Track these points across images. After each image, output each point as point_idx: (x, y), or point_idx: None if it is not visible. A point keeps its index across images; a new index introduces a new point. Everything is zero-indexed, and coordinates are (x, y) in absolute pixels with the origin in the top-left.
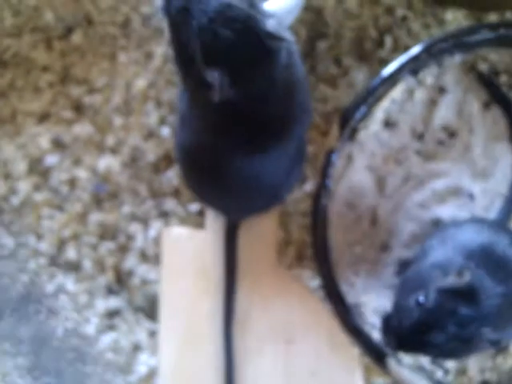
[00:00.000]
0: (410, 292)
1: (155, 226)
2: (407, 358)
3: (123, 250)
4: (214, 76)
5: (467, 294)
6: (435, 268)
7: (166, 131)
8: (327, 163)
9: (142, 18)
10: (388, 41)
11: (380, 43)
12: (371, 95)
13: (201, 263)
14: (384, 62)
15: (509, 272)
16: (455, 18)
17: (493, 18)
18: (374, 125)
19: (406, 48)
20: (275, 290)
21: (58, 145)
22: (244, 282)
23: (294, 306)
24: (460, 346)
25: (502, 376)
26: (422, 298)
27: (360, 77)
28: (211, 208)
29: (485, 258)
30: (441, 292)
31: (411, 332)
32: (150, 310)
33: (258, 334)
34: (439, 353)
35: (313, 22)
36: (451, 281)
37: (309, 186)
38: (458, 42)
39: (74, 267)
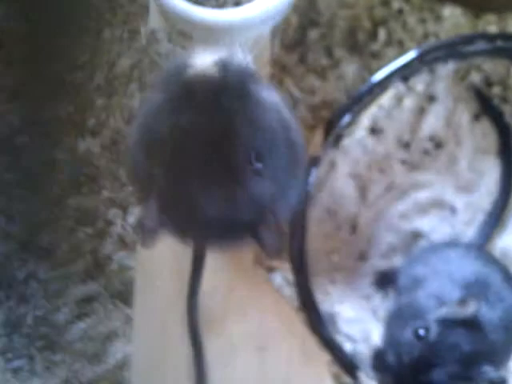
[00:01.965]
0: (405, 324)
1: (134, 212)
2: None
3: (101, 235)
4: None
5: (471, 327)
6: (432, 298)
7: None
8: (309, 170)
9: None
10: (382, 33)
11: (373, 35)
12: (359, 102)
13: (177, 264)
14: (376, 56)
15: (507, 304)
16: (453, 15)
17: (490, 18)
18: (359, 131)
19: (400, 42)
20: (251, 295)
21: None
22: (220, 287)
23: (268, 313)
24: None
25: None
26: (422, 331)
27: (350, 69)
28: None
29: (482, 288)
30: (443, 324)
31: (412, 370)
32: (126, 295)
33: (231, 339)
34: None
35: (305, 8)
36: (454, 311)
37: None
38: (452, 50)
39: (47, 252)
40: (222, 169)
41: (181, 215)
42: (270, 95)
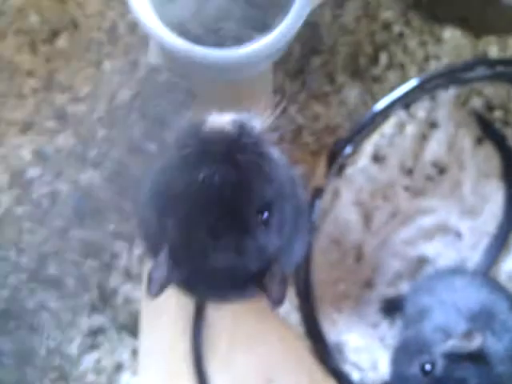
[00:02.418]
0: (412, 358)
1: (140, 244)
2: None
3: (107, 268)
4: None
5: (477, 360)
6: (437, 331)
7: (150, 145)
8: (313, 202)
9: (129, 25)
10: (383, 58)
11: (375, 60)
12: (361, 131)
13: (183, 296)
14: (377, 80)
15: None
16: (453, 37)
17: (491, 39)
18: (362, 159)
19: (401, 66)
20: (257, 327)
21: (40, 156)
22: (226, 320)
23: (275, 345)
24: None
25: None
26: (428, 366)
27: (352, 94)
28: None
29: (488, 318)
30: (449, 358)
31: None
32: (133, 327)
33: (238, 373)
34: None
35: (307, 37)
36: (459, 345)
37: None
38: (453, 77)
39: (55, 284)
40: (233, 220)
41: (191, 266)
42: (278, 153)
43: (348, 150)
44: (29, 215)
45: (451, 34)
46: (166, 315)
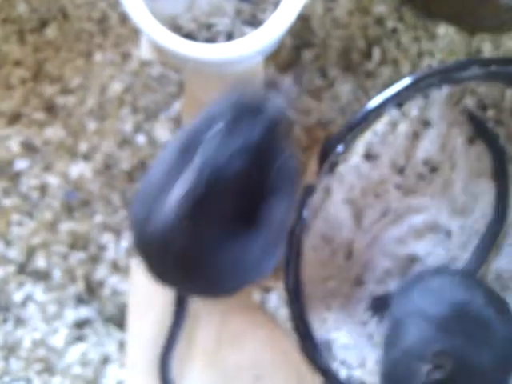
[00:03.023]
0: None
1: (127, 236)
2: None
3: (94, 260)
4: None
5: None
6: (412, 357)
7: (141, 139)
8: (304, 199)
9: (120, 16)
10: (376, 53)
11: (367, 55)
12: (353, 130)
13: (170, 293)
14: (370, 75)
15: (488, 334)
16: (447, 33)
17: (485, 35)
18: (354, 157)
19: (394, 61)
20: (244, 326)
21: (29, 148)
22: (213, 318)
23: (263, 342)
24: None
25: None
26: None
27: (345, 89)
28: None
29: (459, 322)
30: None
31: None
32: (120, 319)
33: (226, 370)
34: None
35: (299, 29)
36: (434, 376)
37: None
38: (447, 76)
39: (43, 276)
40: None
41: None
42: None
43: (340, 147)
44: (17, 207)
45: (445, 31)
46: (153, 307)
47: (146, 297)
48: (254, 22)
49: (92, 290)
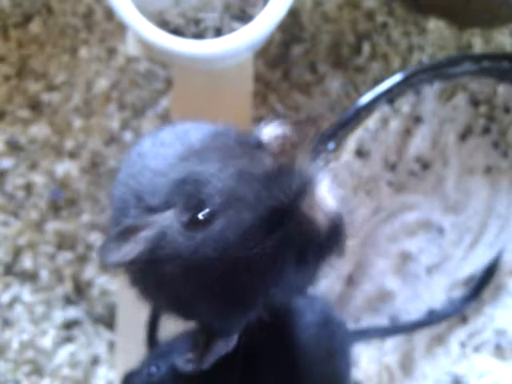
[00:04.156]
0: None
1: None
2: None
3: (82, 260)
4: None
5: None
6: None
7: (128, 136)
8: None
9: (106, 10)
10: (366, 47)
11: (357, 50)
12: (345, 126)
13: None
14: (360, 70)
15: None
16: (437, 28)
17: (475, 30)
18: (345, 154)
19: (384, 56)
20: None
21: (14, 147)
22: None
23: None
24: None
25: None
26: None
27: (335, 85)
28: None
29: None
30: None
31: None
32: (110, 320)
33: None
34: None
35: (288, 24)
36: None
37: None
38: (438, 72)
39: (30, 277)
40: None
41: None
42: None
43: (331, 144)
44: (2, 207)
45: (435, 25)
46: (143, 307)
47: (136, 296)
48: (244, 17)
49: (80, 291)
